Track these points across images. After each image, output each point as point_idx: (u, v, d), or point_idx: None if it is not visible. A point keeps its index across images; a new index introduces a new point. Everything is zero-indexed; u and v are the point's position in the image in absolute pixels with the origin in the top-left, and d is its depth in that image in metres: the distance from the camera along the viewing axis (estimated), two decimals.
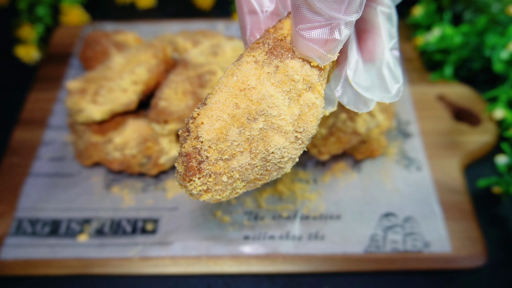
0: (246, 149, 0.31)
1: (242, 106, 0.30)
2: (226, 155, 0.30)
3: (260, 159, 0.31)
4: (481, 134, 0.61)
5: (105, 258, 0.51)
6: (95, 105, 0.54)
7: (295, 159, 0.32)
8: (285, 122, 0.30)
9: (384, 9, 0.33)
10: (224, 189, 0.31)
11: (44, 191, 0.57)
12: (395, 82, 0.33)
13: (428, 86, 0.67)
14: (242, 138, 0.30)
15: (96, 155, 0.56)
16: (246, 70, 0.31)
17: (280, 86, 0.30)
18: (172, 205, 0.55)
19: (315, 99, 0.31)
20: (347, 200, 0.55)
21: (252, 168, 0.31)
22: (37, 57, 0.75)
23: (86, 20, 0.80)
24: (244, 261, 0.51)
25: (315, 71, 0.31)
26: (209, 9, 0.85)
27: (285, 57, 0.31)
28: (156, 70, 0.58)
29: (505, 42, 0.61)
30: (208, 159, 0.30)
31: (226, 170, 0.31)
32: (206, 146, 0.30)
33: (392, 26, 0.34)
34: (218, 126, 0.30)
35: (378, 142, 0.57)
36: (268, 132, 0.31)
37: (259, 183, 0.33)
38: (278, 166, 0.32)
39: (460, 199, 0.55)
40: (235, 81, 0.31)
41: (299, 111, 0.31)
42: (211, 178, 0.31)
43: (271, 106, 0.30)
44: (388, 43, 0.33)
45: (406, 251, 0.51)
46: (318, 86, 0.31)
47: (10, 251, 0.52)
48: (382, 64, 0.32)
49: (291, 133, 0.31)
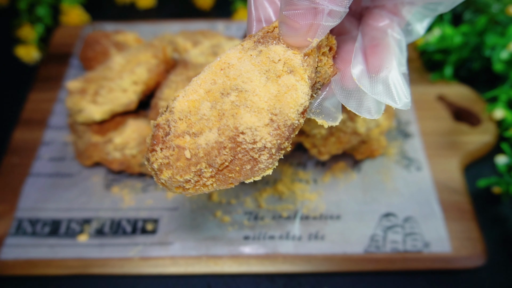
0: (215, 125, 0.29)
1: (219, 81, 0.30)
2: (194, 129, 0.29)
3: (229, 139, 0.28)
4: (481, 134, 0.61)
5: (105, 258, 0.51)
6: (95, 105, 0.54)
7: (271, 150, 0.28)
8: (258, 98, 0.28)
9: (395, 35, 0.33)
10: (187, 170, 0.29)
11: (44, 191, 0.57)
12: (403, 97, 0.31)
13: (428, 86, 0.67)
14: (213, 113, 0.29)
15: (96, 155, 0.56)
16: (231, 53, 0.31)
17: (259, 65, 0.29)
18: (172, 205, 0.55)
19: (296, 81, 0.29)
20: (347, 200, 0.55)
21: (219, 149, 0.28)
22: (37, 57, 0.75)
23: (86, 20, 0.80)
24: (244, 261, 0.51)
25: (298, 56, 0.29)
26: (209, 9, 0.85)
27: (270, 44, 0.30)
28: (156, 70, 0.58)
29: (505, 42, 0.61)
30: (175, 130, 0.29)
31: (191, 146, 0.29)
32: (176, 117, 0.29)
33: (401, 53, 0.33)
34: (191, 99, 0.29)
35: (378, 142, 0.57)
36: (240, 109, 0.28)
37: (231, 179, 0.30)
38: (251, 156, 0.29)
39: (460, 199, 0.55)
40: (218, 61, 0.31)
41: (276, 91, 0.29)
42: (174, 152, 0.29)
43: (246, 81, 0.29)
44: (397, 63, 0.32)
45: (406, 251, 0.51)
46: (300, 70, 0.29)
47: (10, 251, 0.52)
48: (388, 76, 0.31)
49: (265, 113, 0.28)
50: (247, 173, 0.29)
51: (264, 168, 0.29)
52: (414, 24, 0.35)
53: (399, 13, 0.34)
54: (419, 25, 0.35)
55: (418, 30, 0.36)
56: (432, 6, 0.33)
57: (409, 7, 0.33)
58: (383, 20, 0.34)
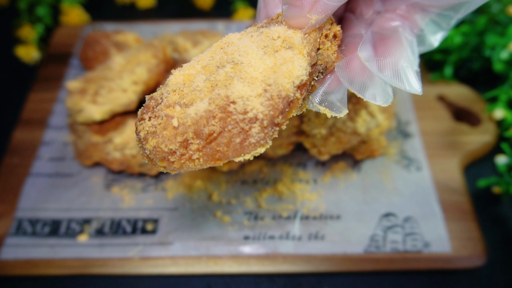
0: (206, 95, 0.28)
1: (216, 57, 0.30)
2: (185, 99, 0.28)
3: (219, 108, 0.27)
4: (481, 134, 0.61)
5: (105, 258, 0.51)
6: (95, 105, 0.54)
7: (262, 122, 0.27)
8: (253, 69, 0.28)
9: (407, 35, 0.33)
10: (173, 139, 0.27)
11: (44, 191, 0.57)
12: (413, 82, 0.30)
13: (428, 86, 0.67)
14: (206, 84, 0.28)
15: (96, 155, 0.56)
16: (233, 34, 0.31)
17: (258, 42, 0.29)
18: (172, 205, 0.55)
19: (293, 54, 0.28)
20: (347, 200, 0.55)
21: (208, 118, 0.27)
22: (37, 57, 0.75)
23: (86, 20, 0.80)
24: (244, 261, 0.51)
25: (299, 34, 0.29)
26: (209, 9, 0.85)
27: (272, 26, 0.30)
28: (156, 70, 0.58)
29: (505, 42, 0.61)
30: (166, 101, 0.29)
31: (180, 116, 0.28)
32: (170, 89, 0.29)
33: (413, 54, 0.32)
34: (187, 73, 0.29)
35: (378, 142, 0.57)
36: (234, 80, 0.27)
37: (219, 153, 0.28)
38: (241, 128, 0.27)
39: (460, 199, 0.55)
40: (219, 42, 0.31)
41: (272, 63, 0.28)
42: (162, 121, 0.28)
43: (242, 55, 0.29)
44: (407, 58, 0.31)
45: (406, 251, 0.51)
46: (299, 46, 0.29)
47: (10, 251, 0.52)
48: (397, 62, 0.31)
49: (259, 83, 0.27)
50: (236, 148, 0.27)
51: (255, 143, 0.27)
52: (428, 34, 0.35)
53: (412, 18, 0.33)
54: (433, 36, 0.35)
55: (431, 41, 0.35)
56: (445, 15, 0.33)
57: (422, 14, 0.33)
58: (394, 21, 0.33)
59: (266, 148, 0.28)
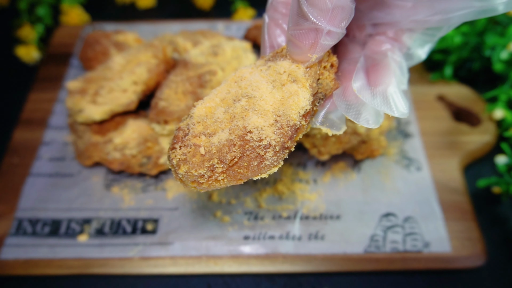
0: (226, 126, 0.33)
1: (232, 91, 0.35)
2: (209, 130, 0.33)
3: (238, 137, 0.32)
4: (481, 134, 0.61)
5: (105, 258, 0.51)
6: (95, 105, 0.54)
7: (275, 147, 0.32)
8: (264, 103, 0.32)
9: (395, 57, 0.37)
10: (201, 165, 0.32)
11: (44, 191, 0.57)
12: (401, 107, 0.34)
13: (428, 86, 0.67)
14: (225, 116, 0.33)
15: (96, 155, 0.56)
16: (244, 69, 0.36)
17: (267, 76, 0.34)
18: (172, 205, 0.55)
19: (298, 88, 0.33)
20: (347, 200, 0.55)
21: (229, 146, 0.32)
22: (37, 57, 0.75)
23: (86, 20, 0.80)
24: (244, 261, 0.51)
25: (301, 68, 0.34)
26: (209, 9, 0.85)
27: (278, 60, 0.35)
28: (156, 70, 0.58)
29: (505, 42, 0.61)
30: (193, 131, 0.33)
31: (205, 144, 0.32)
32: (195, 121, 0.33)
33: (402, 74, 0.36)
34: (208, 106, 0.34)
35: (378, 142, 0.57)
36: (249, 112, 0.32)
37: (240, 174, 0.32)
38: (258, 153, 0.32)
39: (460, 199, 0.55)
40: (233, 76, 0.36)
41: (281, 96, 0.33)
42: (191, 149, 0.32)
43: (254, 89, 0.33)
44: (396, 81, 0.35)
45: (406, 251, 0.51)
46: (302, 79, 0.33)
47: (10, 251, 0.52)
48: (387, 89, 0.34)
49: (270, 115, 0.32)
50: (254, 169, 0.32)
51: (269, 165, 0.32)
52: (415, 49, 0.39)
53: (400, 39, 0.38)
54: (421, 50, 0.39)
55: (419, 55, 0.39)
56: (430, 32, 0.37)
57: (410, 33, 0.37)
58: (384, 45, 0.38)
59: (279, 168, 0.33)
